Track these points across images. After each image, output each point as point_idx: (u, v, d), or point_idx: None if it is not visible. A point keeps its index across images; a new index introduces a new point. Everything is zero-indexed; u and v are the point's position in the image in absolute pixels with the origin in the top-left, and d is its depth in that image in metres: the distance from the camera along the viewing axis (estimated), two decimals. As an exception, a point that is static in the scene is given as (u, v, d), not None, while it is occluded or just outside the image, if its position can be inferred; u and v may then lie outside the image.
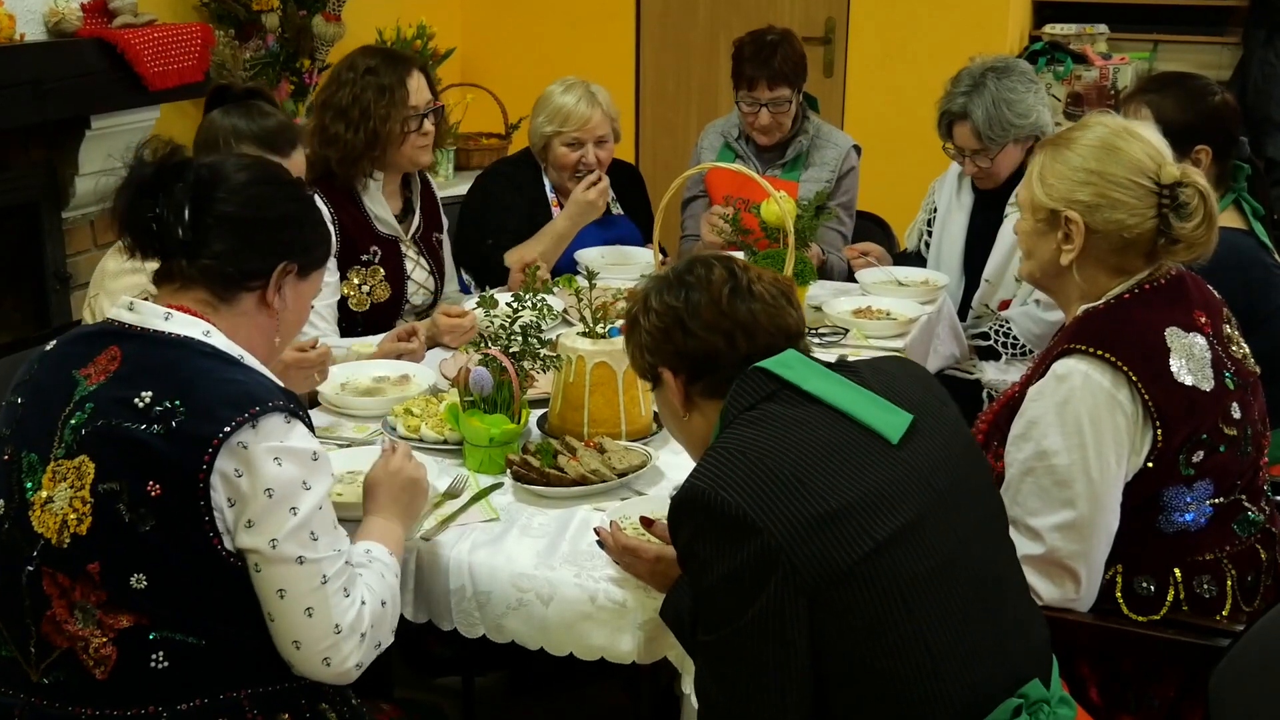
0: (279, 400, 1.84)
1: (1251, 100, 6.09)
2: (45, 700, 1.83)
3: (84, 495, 1.78)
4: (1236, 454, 2.25)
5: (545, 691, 3.41)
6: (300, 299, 2.06)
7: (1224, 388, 2.22)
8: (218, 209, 1.92)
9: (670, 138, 6.53)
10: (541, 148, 3.93)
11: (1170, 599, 2.25)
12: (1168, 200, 2.17)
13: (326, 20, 5.08)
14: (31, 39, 3.71)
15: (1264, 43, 6.07)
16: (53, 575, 1.80)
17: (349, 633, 1.87)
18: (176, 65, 3.99)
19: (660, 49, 6.51)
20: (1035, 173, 2.29)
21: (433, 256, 3.57)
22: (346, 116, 3.29)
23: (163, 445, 1.76)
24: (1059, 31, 6.24)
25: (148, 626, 1.79)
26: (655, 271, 3.39)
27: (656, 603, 2.03)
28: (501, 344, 2.63)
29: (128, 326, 1.89)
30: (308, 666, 1.87)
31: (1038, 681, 1.84)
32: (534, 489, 2.37)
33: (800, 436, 1.80)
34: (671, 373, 1.98)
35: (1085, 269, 2.26)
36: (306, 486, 1.84)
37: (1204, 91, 2.97)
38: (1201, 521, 2.25)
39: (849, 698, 1.79)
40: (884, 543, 1.74)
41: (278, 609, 1.83)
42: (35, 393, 1.90)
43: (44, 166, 3.93)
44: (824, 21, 6.19)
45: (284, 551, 1.81)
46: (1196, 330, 2.23)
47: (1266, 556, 2.32)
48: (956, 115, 3.59)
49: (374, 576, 1.97)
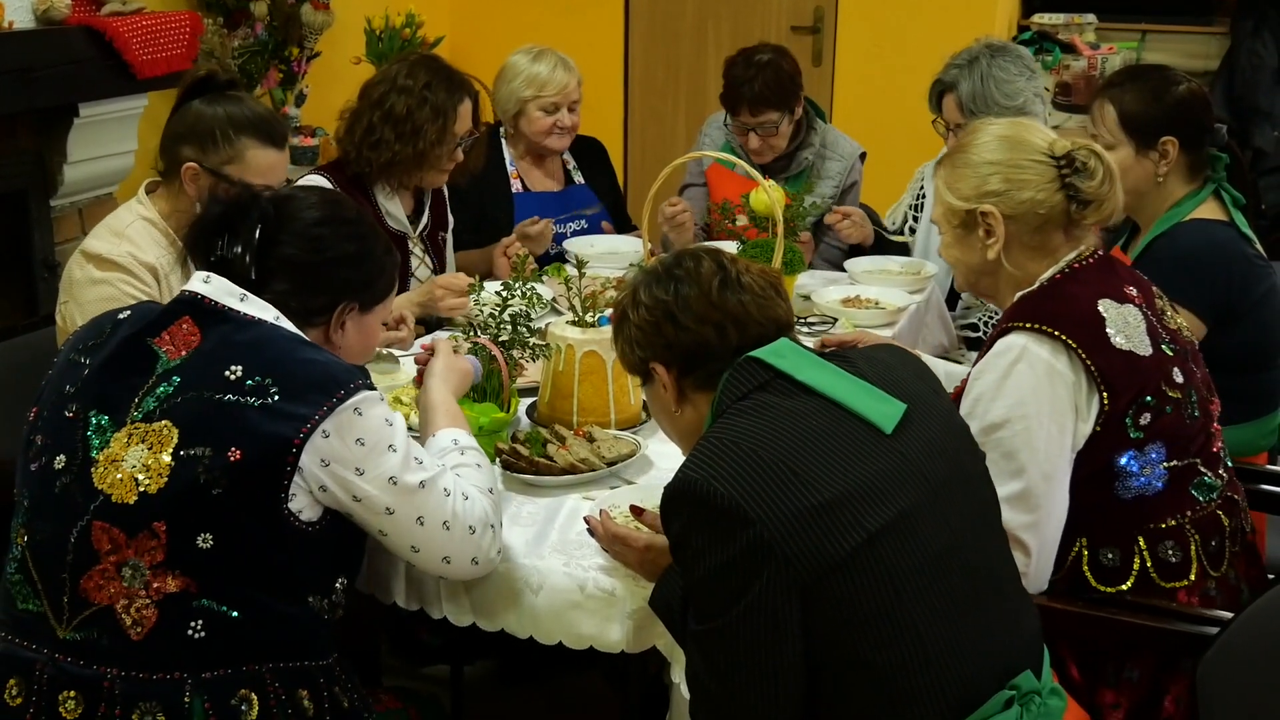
0: (360, 379, 1.93)
1: (1239, 90, 6.10)
2: (70, 657, 1.84)
3: (162, 458, 1.83)
4: (1184, 417, 2.29)
5: (534, 680, 3.42)
6: (363, 331, 2.14)
7: (1163, 354, 2.27)
8: (280, 251, 2.00)
9: (658, 125, 6.54)
10: (514, 114, 3.96)
11: (1136, 567, 2.29)
12: (1067, 168, 2.28)
13: (315, 8, 5.07)
14: (20, 26, 3.69)
15: (1251, 33, 6.08)
16: (107, 530, 1.83)
17: (482, 529, 2.02)
18: (165, 53, 3.97)
19: (649, 38, 6.50)
20: (941, 186, 2.40)
21: (436, 254, 3.59)
22: (398, 127, 3.29)
23: (257, 417, 1.84)
24: (1047, 21, 6.25)
25: (194, 594, 1.82)
26: (645, 262, 3.40)
27: (646, 592, 2.03)
28: (491, 332, 2.64)
29: (202, 299, 1.95)
30: (460, 571, 2.05)
31: (1029, 673, 1.85)
32: (523, 477, 2.38)
33: (793, 426, 1.80)
34: (664, 366, 1.97)
35: (1013, 257, 2.33)
36: (389, 423, 1.94)
37: (1168, 83, 2.97)
38: (1158, 485, 2.28)
39: (841, 688, 1.78)
40: (876, 533, 1.74)
41: (420, 536, 1.97)
42: (108, 357, 1.95)
43: (32, 155, 3.91)
44: (812, 11, 6.19)
45: (406, 483, 1.93)
46: (1129, 302, 2.29)
47: (1230, 523, 2.36)
48: (947, 86, 3.60)
49: (471, 470, 2.10)
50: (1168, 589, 2.29)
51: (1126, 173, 2.94)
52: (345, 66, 5.41)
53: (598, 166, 4.26)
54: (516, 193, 4.04)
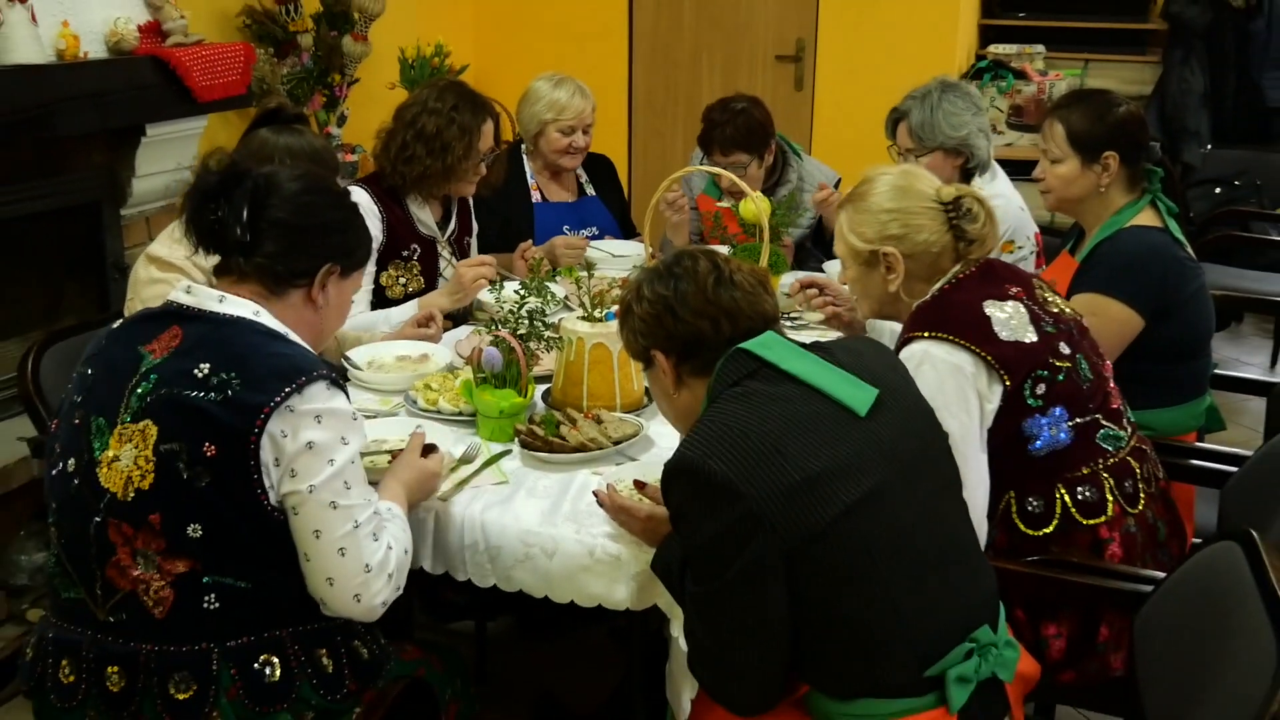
0: (322, 370, 1.85)
1: (1170, 112, 6.09)
2: (110, 636, 1.83)
3: (147, 454, 1.78)
4: (1077, 381, 2.32)
5: (549, 635, 3.41)
6: (342, 295, 2.07)
7: (1047, 334, 2.31)
8: (271, 215, 1.93)
9: (659, 141, 6.52)
10: (535, 134, 3.94)
11: (1059, 510, 2.33)
12: (954, 212, 2.32)
13: (355, 40, 5.06)
14: (94, 56, 3.69)
15: (1180, 62, 6.07)
16: (118, 525, 1.80)
17: (378, 571, 1.88)
18: (222, 80, 3.96)
19: (650, 64, 6.48)
20: (844, 228, 2.42)
21: (462, 257, 3.57)
22: (429, 144, 3.28)
23: (219, 411, 1.77)
24: (1001, 51, 6.23)
25: (201, 571, 1.79)
26: (647, 264, 3.39)
27: (648, 556, 2.03)
28: (510, 327, 2.64)
29: (186, 308, 1.90)
30: (339, 603, 1.87)
31: (987, 627, 1.85)
32: (539, 455, 2.36)
33: (779, 411, 1.79)
34: (663, 354, 1.96)
35: (911, 287, 2.39)
36: (344, 442, 1.85)
37: (1110, 105, 2.97)
38: (1065, 439, 2.31)
39: (822, 642, 1.79)
40: (852, 505, 1.74)
41: (313, 549, 1.84)
42: (105, 365, 1.90)
43: (105, 170, 3.91)
44: (795, 41, 6.16)
45: (320, 496, 1.82)
46: (1010, 299, 2.31)
47: (1141, 469, 2.40)
48: (901, 115, 3.56)
49: (398, 529, 1.98)
50: (1088, 525, 2.33)
51: (1073, 183, 2.95)
52: (381, 91, 5.39)
53: (608, 182, 4.23)
54: (536, 203, 4.02)
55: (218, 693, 1.80)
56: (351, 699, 1.91)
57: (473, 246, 3.68)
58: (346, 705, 1.91)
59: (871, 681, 1.79)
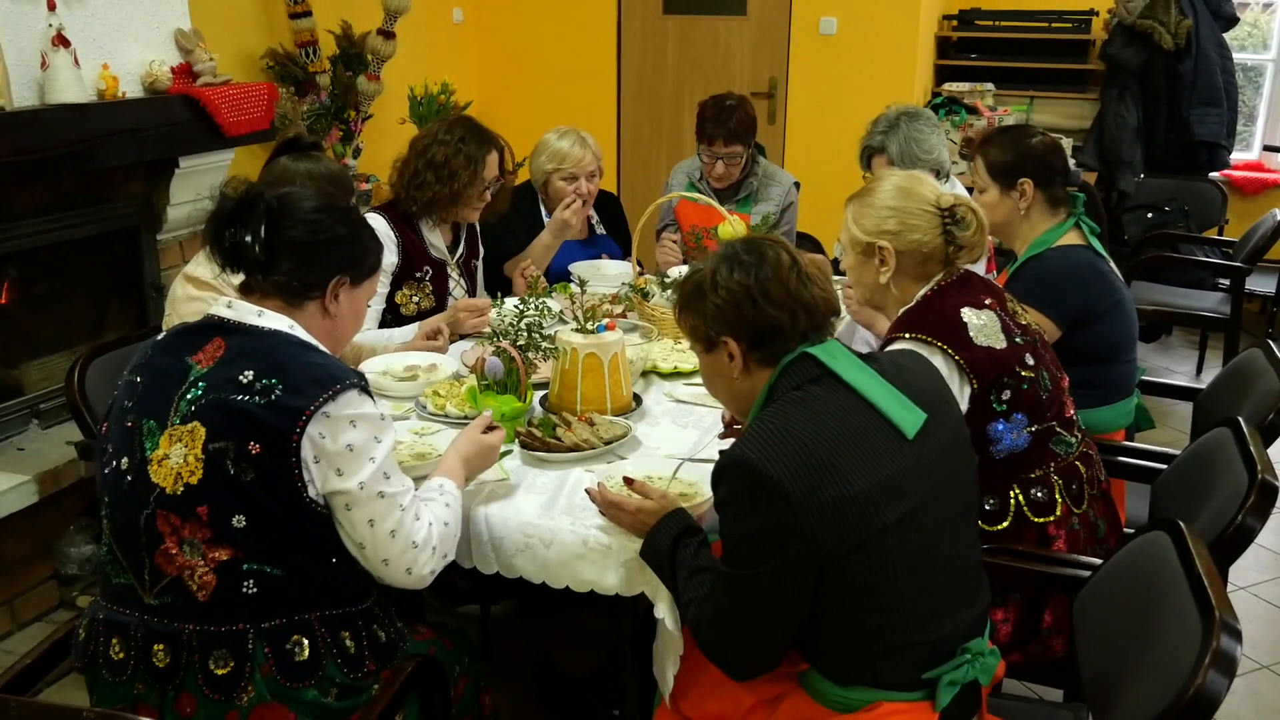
0: (353, 379, 1.87)
1: (1107, 144, 6.12)
2: (157, 618, 1.84)
3: (196, 453, 1.79)
4: (1039, 391, 2.33)
5: (547, 616, 3.42)
6: (355, 303, 2.06)
7: (1015, 344, 2.32)
8: (285, 234, 1.93)
9: (645, 172, 6.54)
10: (542, 183, 3.91)
11: (1013, 509, 2.35)
12: (949, 218, 2.31)
13: (368, 80, 5.07)
14: (131, 95, 3.68)
15: (1116, 99, 6.10)
16: (166, 516, 1.81)
17: (423, 546, 1.93)
18: (248, 116, 3.96)
19: (636, 101, 6.50)
20: (849, 219, 2.42)
21: (469, 277, 3.57)
22: (438, 171, 3.28)
23: (264, 413, 1.78)
24: (955, 89, 6.26)
25: (242, 559, 1.80)
26: (633, 282, 3.40)
27: (636, 546, 2.03)
28: (511, 338, 2.64)
29: (228, 321, 1.90)
30: (395, 576, 1.92)
31: (980, 639, 1.85)
32: (537, 455, 2.37)
33: (835, 423, 1.75)
34: (735, 340, 1.88)
35: (899, 282, 2.38)
36: (378, 440, 1.87)
37: (1024, 136, 2.99)
38: (1023, 444, 2.32)
39: (832, 636, 1.78)
40: (889, 525, 1.71)
41: (368, 536, 1.87)
42: (154, 373, 1.90)
43: (142, 198, 3.90)
44: (768, 80, 6.19)
45: (370, 490, 1.85)
46: (985, 308, 2.33)
47: (1087, 472, 2.42)
48: (876, 149, 3.57)
49: (440, 506, 2.01)
50: (1039, 523, 2.35)
51: (995, 209, 2.97)
52: (393, 125, 5.41)
53: (616, 220, 4.19)
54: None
55: (253, 669, 1.81)
56: (371, 677, 1.92)
57: (479, 269, 3.68)
58: (366, 683, 1.91)
59: (871, 676, 1.78)
